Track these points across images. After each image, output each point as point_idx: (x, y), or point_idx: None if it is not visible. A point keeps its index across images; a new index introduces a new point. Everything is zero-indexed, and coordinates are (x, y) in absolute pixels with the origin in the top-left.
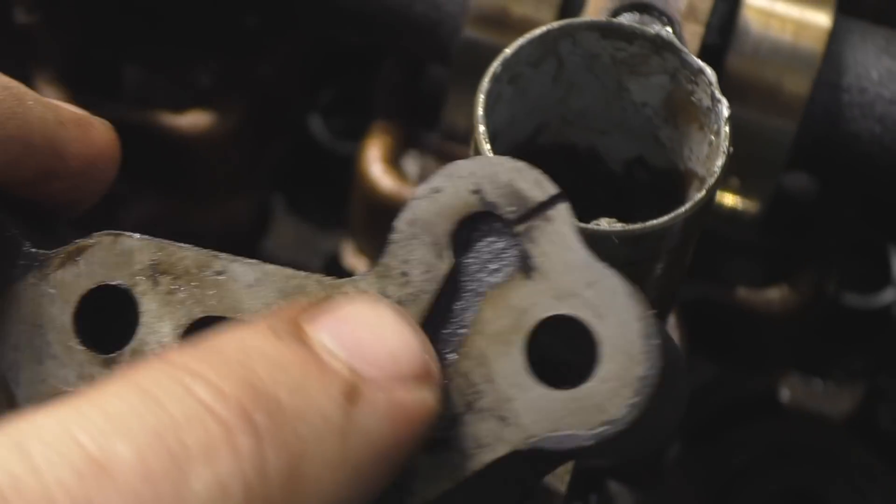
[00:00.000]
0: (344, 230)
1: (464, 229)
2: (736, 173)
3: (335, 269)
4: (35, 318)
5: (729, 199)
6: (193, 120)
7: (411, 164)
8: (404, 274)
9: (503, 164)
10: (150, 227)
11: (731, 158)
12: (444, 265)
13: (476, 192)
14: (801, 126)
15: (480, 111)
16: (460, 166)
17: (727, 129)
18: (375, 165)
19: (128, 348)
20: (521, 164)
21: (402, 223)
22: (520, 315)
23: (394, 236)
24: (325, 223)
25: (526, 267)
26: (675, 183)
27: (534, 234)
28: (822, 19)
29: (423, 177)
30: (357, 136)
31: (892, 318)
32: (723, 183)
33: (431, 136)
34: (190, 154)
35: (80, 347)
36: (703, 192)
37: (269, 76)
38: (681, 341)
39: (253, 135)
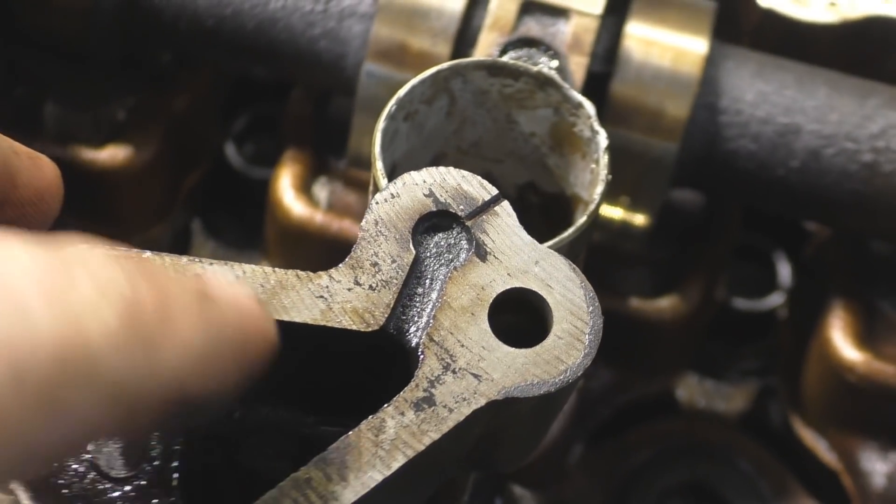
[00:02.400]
0: (260, 252)
1: (422, 226)
2: (625, 192)
3: None
4: None
5: (620, 215)
6: (112, 153)
7: (321, 189)
8: (374, 265)
9: (450, 173)
10: None
11: (610, 184)
12: (408, 256)
13: (429, 195)
14: (683, 146)
15: (377, 149)
16: (413, 176)
17: (606, 158)
18: (287, 192)
19: None
20: (465, 172)
21: (367, 224)
22: (480, 291)
23: (361, 234)
24: (243, 245)
25: (480, 253)
26: (563, 206)
27: (484, 226)
28: (699, 46)
29: (332, 202)
30: (270, 160)
31: (779, 320)
32: (609, 202)
33: (339, 162)
34: (110, 186)
35: None
36: (585, 217)
37: (184, 108)
38: None
39: (170, 164)
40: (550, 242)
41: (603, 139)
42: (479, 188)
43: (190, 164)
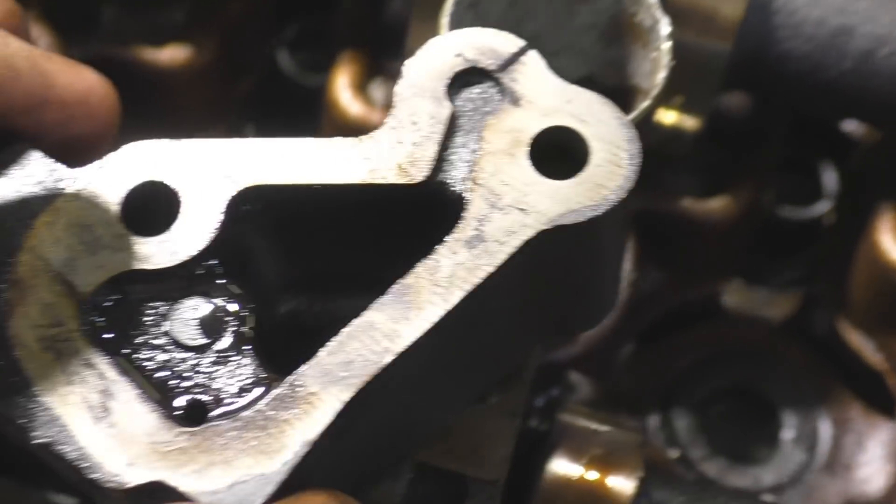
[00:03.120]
0: None
1: (455, 83)
2: (677, 94)
3: None
4: (83, 221)
5: (671, 118)
6: (172, 54)
7: (377, 90)
8: (414, 123)
9: (476, 32)
10: None
11: (672, 72)
12: (445, 111)
13: (459, 55)
14: (736, 47)
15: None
16: (439, 39)
17: (669, 44)
18: (344, 93)
19: (175, 226)
20: (490, 29)
21: (401, 87)
22: (518, 134)
23: (397, 98)
24: None
25: (513, 99)
26: (621, 98)
27: (515, 76)
28: None
29: (388, 102)
30: (322, 68)
31: (825, 229)
32: (665, 99)
33: (395, 63)
34: (170, 86)
35: (131, 234)
36: (649, 100)
37: (239, 12)
38: (631, 249)
39: (226, 68)
40: None
41: (665, 26)
42: (507, 42)
43: (244, 70)
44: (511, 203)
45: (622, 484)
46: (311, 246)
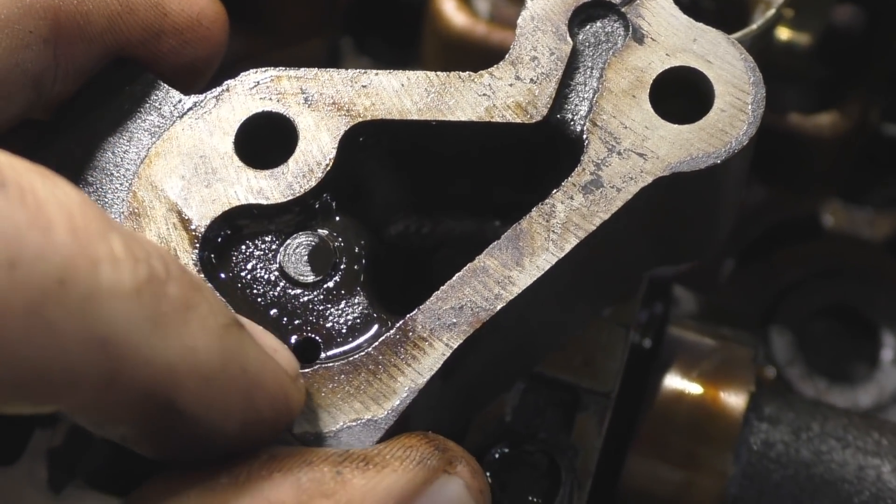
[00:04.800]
0: (414, 67)
1: (577, 17)
2: (790, 7)
3: None
4: (198, 151)
5: (784, 33)
6: None
7: (482, 1)
8: (533, 59)
9: None
10: (239, 66)
11: None
12: (566, 47)
13: None
14: None
15: None
16: None
17: None
18: (448, 4)
19: (291, 159)
20: None
21: (523, 20)
22: (640, 73)
23: (518, 31)
24: (394, 63)
25: (637, 37)
26: (739, 8)
27: (639, 11)
28: None
29: (493, 14)
30: None
31: None
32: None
33: None
34: None
35: (245, 167)
36: (774, 10)
37: None
38: None
39: None
40: (736, 35)
41: None
42: None
43: None
44: (630, 147)
45: (733, 399)
46: (424, 175)
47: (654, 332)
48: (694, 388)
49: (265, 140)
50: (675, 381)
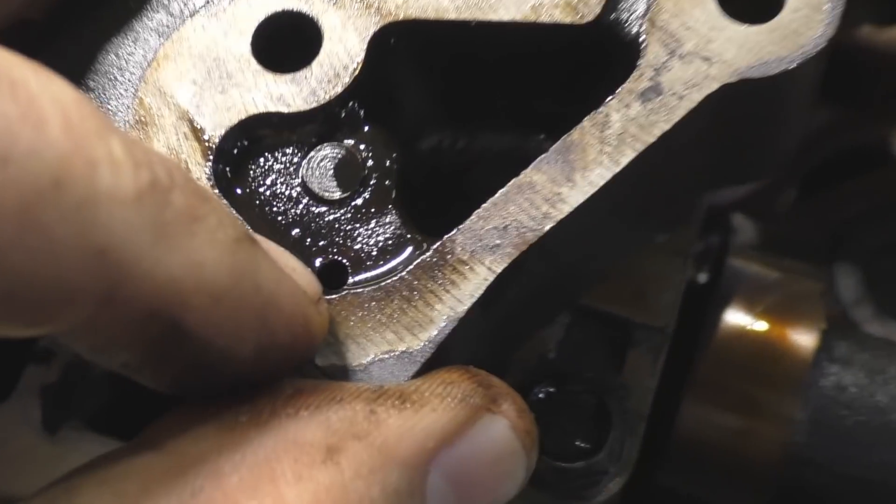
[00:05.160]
0: None
1: None
2: None
3: None
4: (211, 53)
5: None
6: None
7: None
8: None
9: None
10: None
11: None
12: None
13: None
14: None
15: None
16: None
17: None
18: None
19: (315, 63)
20: None
21: None
22: None
23: None
24: None
25: None
26: None
27: None
28: None
29: None
30: None
31: None
32: None
33: None
34: None
35: (264, 70)
36: None
37: None
38: None
39: None
40: None
41: None
42: None
43: None
44: (693, 50)
45: (802, 337)
46: (460, 83)
47: (712, 265)
48: (759, 325)
49: (286, 41)
50: (737, 317)
